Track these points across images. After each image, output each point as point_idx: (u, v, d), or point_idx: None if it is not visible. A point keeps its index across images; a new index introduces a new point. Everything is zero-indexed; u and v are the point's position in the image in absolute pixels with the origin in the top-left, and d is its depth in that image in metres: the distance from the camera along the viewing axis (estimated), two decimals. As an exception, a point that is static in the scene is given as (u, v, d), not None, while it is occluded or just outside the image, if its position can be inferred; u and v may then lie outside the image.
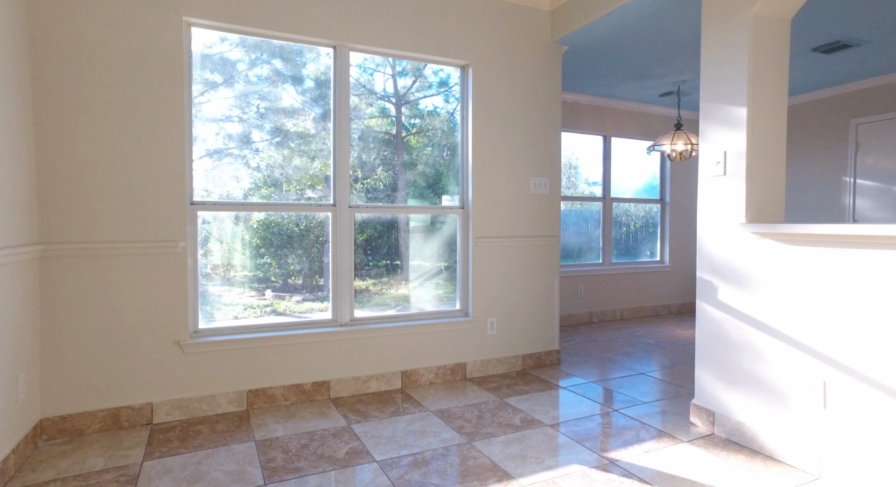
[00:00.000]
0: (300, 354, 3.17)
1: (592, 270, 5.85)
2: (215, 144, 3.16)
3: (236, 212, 3.21)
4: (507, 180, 3.82)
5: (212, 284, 3.19)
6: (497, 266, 3.80)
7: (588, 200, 5.97)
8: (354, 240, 3.54)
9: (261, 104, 3.29)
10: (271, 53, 3.28)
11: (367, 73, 3.71)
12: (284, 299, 3.58)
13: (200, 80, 3.04)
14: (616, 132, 5.99)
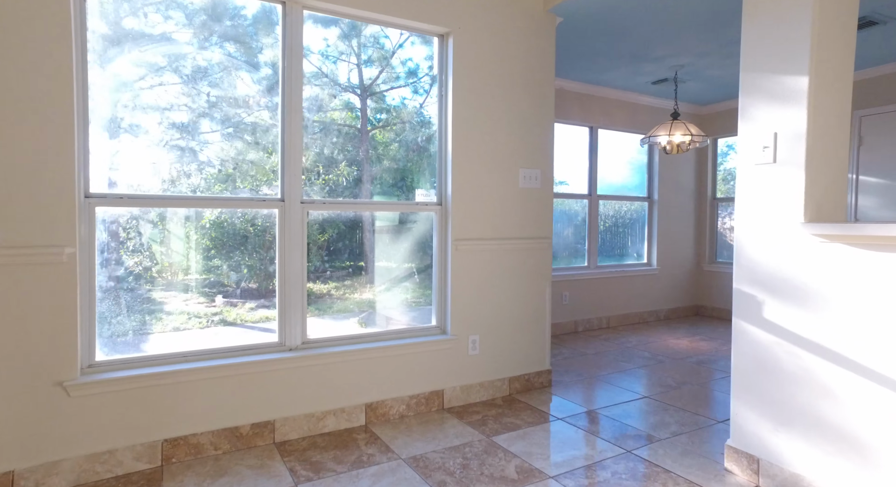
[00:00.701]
0: (236, 389, 2.48)
1: (577, 274, 5.32)
2: (134, 122, 2.44)
3: (158, 208, 2.51)
4: (493, 172, 3.22)
5: (157, 290, 2.53)
6: (480, 274, 3.19)
7: (572, 197, 5.43)
8: (315, 241, 3.11)
9: (205, 89, 2.59)
10: (201, 9, 2.58)
11: (329, 60, 3.18)
12: (237, 306, 3.01)
13: (103, 36, 2.32)
14: (603, 123, 5.48)
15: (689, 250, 6.25)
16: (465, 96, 3.10)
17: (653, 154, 5.95)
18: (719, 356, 4.34)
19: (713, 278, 6.15)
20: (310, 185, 3.00)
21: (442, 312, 3.16)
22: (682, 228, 6.18)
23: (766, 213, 2.14)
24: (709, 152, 6.23)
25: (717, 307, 6.11)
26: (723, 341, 4.92)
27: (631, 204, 5.93)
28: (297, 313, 2.70)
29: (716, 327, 5.57)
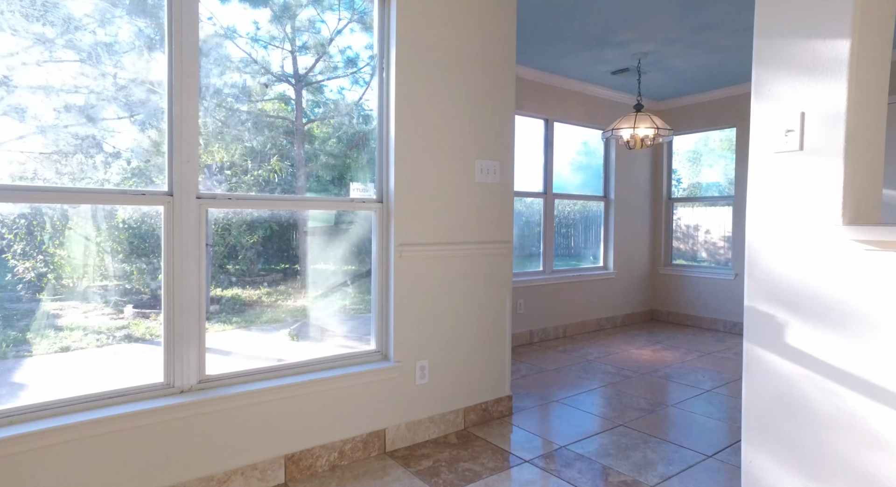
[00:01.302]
0: (103, 456, 1.81)
1: (533, 280, 4.88)
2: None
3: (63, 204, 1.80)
4: (445, 163, 2.68)
5: (50, 300, 2.01)
6: (429, 286, 2.64)
7: (527, 195, 4.99)
8: (243, 244, 2.79)
9: (109, 69, 1.89)
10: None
11: (259, 44, 2.75)
12: (149, 317, 2.47)
13: None
14: (560, 116, 5.07)
15: (645, 253, 5.98)
16: (411, 70, 2.54)
17: (609, 151, 5.61)
18: (686, 369, 4.01)
19: (668, 281, 5.90)
20: (236, 181, 2.59)
21: (383, 334, 2.58)
22: (638, 229, 5.89)
23: (789, 213, 1.72)
24: (664, 151, 5.98)
25: (672, 311, 5.86)
26: (685, 350, 4.61)
27: (586, 204, 5.57)
28: (192, 342, 2.05)
29: (673, 333, 5.29)
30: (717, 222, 5.66)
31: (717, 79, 4.96)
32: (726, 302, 5.39)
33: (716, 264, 5.65)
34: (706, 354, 4.48)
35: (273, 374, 2.25)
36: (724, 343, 4.87)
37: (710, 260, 5.71)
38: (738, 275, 5.29)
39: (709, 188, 5.81)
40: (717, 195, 5.65)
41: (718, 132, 5.66)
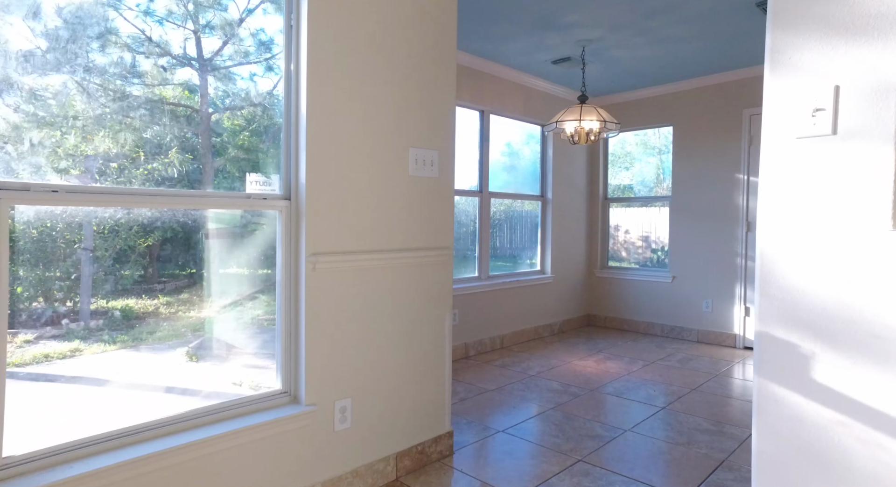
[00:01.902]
0: None
1: (468, 287, 4.43)
2: None
3: None
4: (372, 152, 2.14)
5: None
6: (352, 305, 2.09)
7: (460, 194, 4.53)
8: (134, 247, 2.28)
9: None
10: None
11: (153, 19, 2.26)
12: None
13: None
14: (497, 107, 4.66)
15: (582, 256, 5.72)
16: (327, 34, 1.98)
17: (546, 147, 5.28)
18: (634, 383, 3.71)
19: (605, 285, 5.68)
20: (125, 174, 2.11)
21: (291, 369, 1.99)
22: (575, 231, 5.62)
23: (816, 215, 1.35)
24: (600, 148, 5.75)
25: (608, 315, 5.64)
26: (628, 359, 4.35)
27: (522, 204, 5.21)
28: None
29: (613, 340, 5.04)
30: (653, 223, 5.50)
31: (658, 74, 4.76)
32: (664, 306, 5.23)
33: (653, 266, 5.49)
34: (650, 363, 4.23)
35: (128, 439, 1.61)
36: (664, 349, 4.67)
37: (646, 262, 5.54)
38: (676, 277, 5.14)
39: (630, 189, 5.65)
40: (656, 196, 5.49)
41: (640, 132, 5.51)
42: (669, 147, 5.46)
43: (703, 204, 4.97)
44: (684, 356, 4.46)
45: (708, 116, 4.92)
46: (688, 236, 5.06)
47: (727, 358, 4.39)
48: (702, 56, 4.24)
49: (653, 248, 5.50)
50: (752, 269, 4.68)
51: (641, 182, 5.69)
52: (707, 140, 4.94)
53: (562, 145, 5.35)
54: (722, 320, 4.86)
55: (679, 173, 5.12)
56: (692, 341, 5.02)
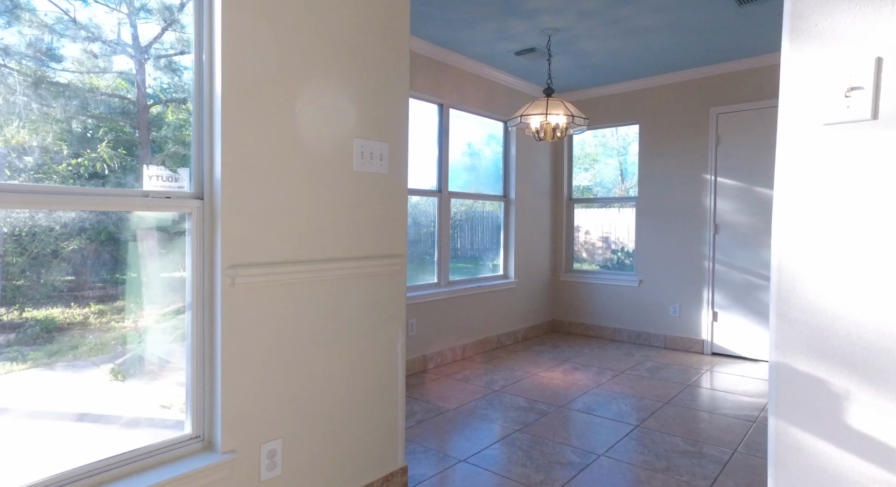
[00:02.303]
0: None
1: (427, 294, 4.10)
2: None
3: None
4: (306, 142, 1.78)
5: None
6: (283, 327, 1.73)
7: (418, 193, 4.20)
8: (57, 252, 1.93)
9: None
10: None
11: (83, 3, 1.92)
12: None
13: None
14: (457, 101, 4.35)
15: (546, 259, 5.48)
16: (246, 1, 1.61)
17: (509, 144, 5.01)
18: (604, 397, 3.47)
19: (570, 289, 5.46)
20: (44, 170, 1.79)
21: (205, 409, 1.62)
22: (540, 232, 5.37)
23: (853, 219, 1.09)
24: (564, 147, 5.53)
25: (574, 321, 5.43)
26: (596, 368, 4.12)
27: (484, 204, 4.92)
28: None
29: (579, 347, 4.82)
30: (613, 224, 5.31)
31: (625, 70, 4.56)
32: (631, 311, 5.04)
33: (613, 267, 5.30)
34: (619, 373, 4.01)
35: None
36: (632, 357, 4.46)
37: (606, 263, 5.35)
38: (643, 281, 4.96)
39: (590, 190, 5.46)
40: (620, 196, 5.31)
41: (599, 133, 5.32)
42: (628, 149, 5.28)
43: (670, 205, 4.80)
44: (653, 364, 4.27)
45: (675, 115, 4.76)
46: (655, 238, 4.89)
47: (696, 366, 4.22)
48: (672, 50, 4.05)
49: (613, 249, 5.31)
50: (719, 273, 4.53)
51: (600, 184, 5.50)
52: (674, 139, 4.78)
53: (526, 143, 5.10)
54: (689, 325, 4.70)
55: (646, 173, 4.94)
56: (659, 347, 4.84)
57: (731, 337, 4.49)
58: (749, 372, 4.03)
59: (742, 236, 4.42)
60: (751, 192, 4.38)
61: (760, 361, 4.34)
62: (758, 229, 4.34)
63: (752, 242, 4.37)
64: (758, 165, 4.35)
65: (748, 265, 4.38)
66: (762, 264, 4.32)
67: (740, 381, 3.81)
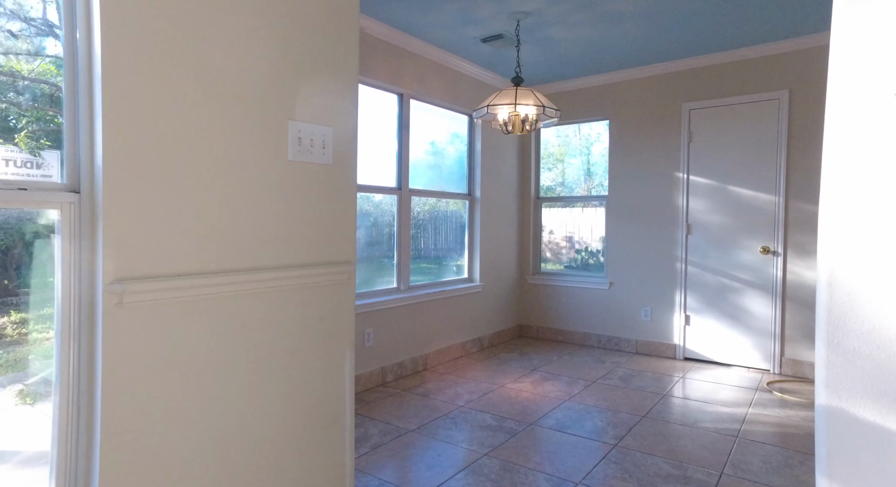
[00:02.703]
0: None
1: (385, 301, 3.76)
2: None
3: None
4: (222, 121, 1.42)
5: None
6: (192, 358, 1.36)
7: (375, 190, 3.85)
8: None
9: None
10: None
11: None
12: None
13: None
14: (417, 91, 4.01)
15: (513, 260, 5.21)
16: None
17: (475, 139, 4.72)
18: (578, 411, 3.21)
19: (538, 292, 5.21)
20: None
21: (78, 475, 1.24)
22: (506, 232, 5.09)
23: (936, 222, 0.82)
24: (532, 143, 5.27)
25: (542, 326, 5.18)
26: (567, 378, 3.86)
27: (448, 203, 4.61)
28: None
29: (548, 354, 4.56)
30: (577, 223, 5.09)
31: (596, 62, 4.32)
32: (600, 314, 4.83)
33: (578, 266, 5.08)
34: (591, 383, 3.77)
35: None
36: (604, 364, 4.24)
37: (571, 262, 5.13)
38: (614, 284, 4.75)
39: (552, 190, 5.23)
40: (589, 195, 5.09)
41: (561, 133, 5.10)
42: (591, 149, 5.07)
43: (641, 204, 4.60)
44: (626, 372, 4.05)
45: (646, 110, 4.56)
46: (626, 239, 4.68)
47: (669, 372, 4.02)
48: (646, 39, 3.83)
49: (577, 249, 5.10)
50: (692, 274, 4.36)
51: (563, 184, 5.27)
52: (645, 136, 4.58)
53: (492, 138, 4.81)
54: (661, 329, 4.51)
55: (616, 171, 4.73)
56: (630, 352, 4.64)
57: (703, 341, 4.32)
58: (723, 378, 3.86)
59: (715, 236, 4.26)
60: (723, 190, 4.22)
61: (733, 365, 4.18)
62: (730, 229, 4.18)
63: (725, 242, 4.20)
64: (731, 162, 4.19)
65: (721, 267, 4.22)
66: (735, 265, 4.16)
67: (715, 389, 3.62)
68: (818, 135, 3.81)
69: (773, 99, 4.00)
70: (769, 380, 3.81)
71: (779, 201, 3.97)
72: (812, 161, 3.84)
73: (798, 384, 3.72)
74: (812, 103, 3.84)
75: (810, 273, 3.85)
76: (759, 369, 4.08)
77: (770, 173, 4.01)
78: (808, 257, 3.85)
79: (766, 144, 4.04)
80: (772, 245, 4.00)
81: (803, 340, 3.88)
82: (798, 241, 3.89)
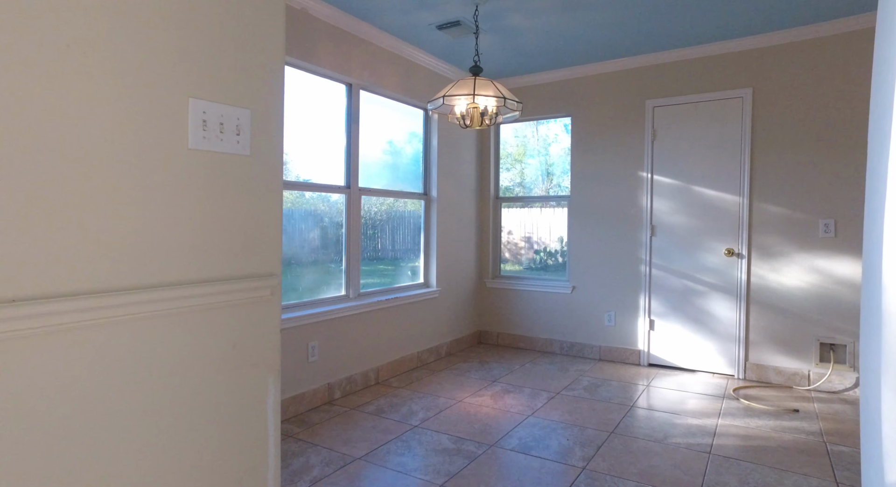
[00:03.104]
0: None
1: (332, 311, 3.43)
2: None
3: None
4: (97, 94, 1.07)
5: None
6: (50, 411, 1.01)
7: (320, 189, 3.51)
8: None
9: None
10: None
11: None
12: None
13: None
14: (368, 81, 3.70)
15: (472, 264, 4.96)
16: None
17: (430, 134, 4.43)
18: (542, 428, 2.97)
19: (497, 296, 4.97)
20: None
21: None
22: (464, 234, 4.84)
23: None
24: (491, 139, 5.03)
25: (502, 332, 4.95)
26: (530, 390, 3.63)
27: (405, 203, 4.31)
28: None
29: (509, 362, 4.33)
30: (541, 224, 4.90)
31: (558, 54, 4.12)
32: (563, 319, 4.63)
33: (542, 270, 4.88)
34: (555, 394, 3.55)
35: None
36: (567, 373, 4.04)
37: (530, 263, 4.93)
38: (577, 288, 4.56)
39: (510, 190, 5.03)
40: (551, 195, 4.89)
41: (519, 132, 4.91)
42: (548, 149, 4.89)
43: (604, 205, 4.43)
44: (590, 381, 3.85)
45: (609, 107, 4.40)
46: (589, 240, 4.50)
47: (635, 380, 3.85)
48: (612, 30, 3.64)
49: (536, 249, 4.90)
50: (656, 278, 4.21)
51: (521, 184, 5.06)
52: (608, 134, 4.41)
53: (449, 133, 4.54)
54: (625, 334, 4.35)
55: (579, 170, 4.55)
56: (594, 359, 4.46)
57: (668, 347, 4.18)
58: (689, 385, 3.71)
59: (679, 238, 4.12)
60: (688, 191, 4.09)
61: (698, 371, 4.05)
62: (695, 231, 4.05)
63: (690, 244, 4.07)
64: (695, 162, 4.06)
65: (686, 269, 4.09)
66: (700, 267, 4.03)
67: (682, 398, 3.47)
68: (781, 134, 3.72)
69: (736, 97, 3.89)
70: (735, 386, 3.69)
71: (743, 201, 3.86)
72: (776, 161, 3.74)
73: (763, 390, 3.61)
74: (775, 102, 3.74)
75: (774, 276, 3.75)
76: (723, 374, 3.97)
77: (734, 173, 3.90)
78: (772, 260, 3.76)
79: (730, 144, 3.93)
80: (736, 247, 3.89)
81: (767, 343, 3.78)
82: (762, 242, 3.79)
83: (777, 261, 3.74)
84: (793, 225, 3.69)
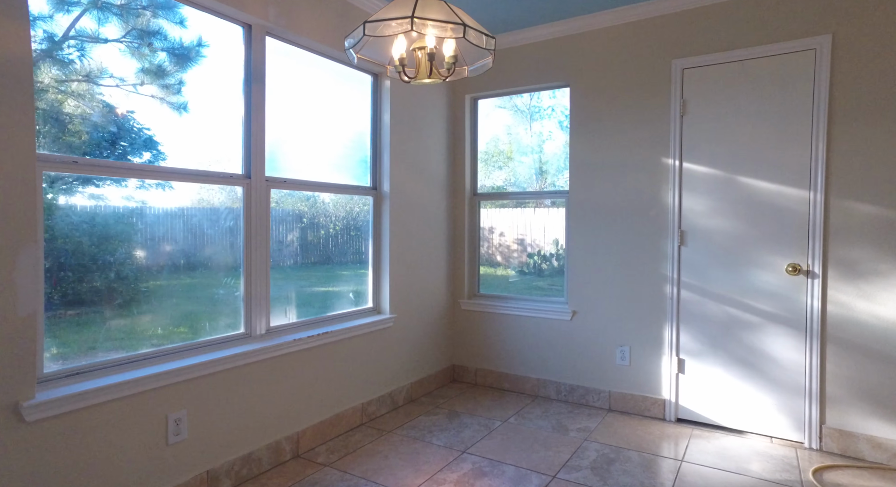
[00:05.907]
0: None
1: (217, 361, 2.27)
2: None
3: None
4: None
5: None
6: None
7: (205, 179, 2.36)
8: None
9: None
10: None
11: None
12: None
13: None
14: (279, 20, 2.54)
15: (441, 281, 3.82)
16: None
17: (380, 106, 3.29)
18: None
19: (475, 322, 3.84)
20: None
21: None
22: (432, 243, 3.69)
23: None
24: (466, 114, 3.89)
25: (480, 368, 3.81)
26: (513, 471, 2.50)
27: (351, 201, 3.16)
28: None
29: (488, 415, 3.19)
30: (535, 225, 3.77)
31: (550, 1, 2.99)
32: (560, 354, 3.50)
33: (536, 275, 3.76)
34: (551, 478, 2.42)
35: None
36: (567, 435, 2.91)
37: (527, 270, 3.79)
38: (578, 313, 3.43)
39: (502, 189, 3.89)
40: (549, 191, 3.76)
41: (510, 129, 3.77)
42: (542, 147, 3.76)
43: (614, 203, 3.30)
44: (599, 450, 2.73)
45: (621, 71, 3.26)
46: (594, 251, 3.37)
47: (663, 448, 2.73)
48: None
49: (529, 252, 3.77)
50: (686, 302, 3.09)
51: (514, 183, 3.91)
52: (620, 108, 3.28)
53: (409, 107, 3.40)
54: (644, 378, 3.23)
55: (580, 159, 3.42)
56: (602, 408, 3.34)
57: (704, 397, 3.06)
58: (739, 457, 2.60)
59: (719, 248, 3.00)
60: (732, 184, 2.96)
61: (748, 433, 2.94)
62: (743, 239, 2.93)
63: (735, 257, 2.95)
64: (742, 144, 2.94)
65: (729, 292, 2.97)
66: (750, 290, 2.91)
67: (736, 483, 2.35)
68: (875, 102, 2.60)
69: (807, 50, 2.77)
70: (815, 466, 2.56)
71: (815, 198, 2.74)
72: (865, 140, 2.62)
73: (860, 474, 2.49)
74: (866, 55, 2.62)
75: (864, 304, 2.63)
76: (787, 440, 2.85)
77: (802, 159, 2.78)
78: (861, 281, 2.64)
79: (795, 117, 2.80)
80: (804, 262, 2.77)
81: (854, 400, 2.67)
82: (845, 256, 2.68)
83: (868, 283, 2.62)
84: (892, 231, 2.57)
